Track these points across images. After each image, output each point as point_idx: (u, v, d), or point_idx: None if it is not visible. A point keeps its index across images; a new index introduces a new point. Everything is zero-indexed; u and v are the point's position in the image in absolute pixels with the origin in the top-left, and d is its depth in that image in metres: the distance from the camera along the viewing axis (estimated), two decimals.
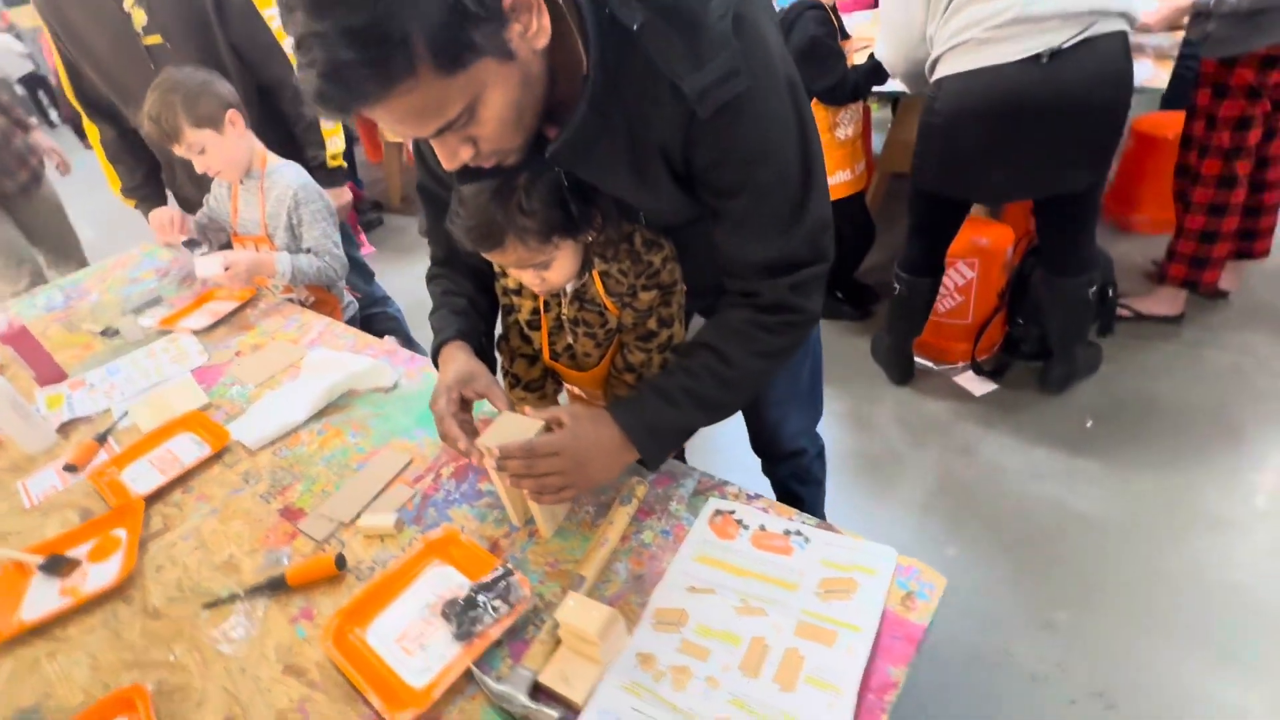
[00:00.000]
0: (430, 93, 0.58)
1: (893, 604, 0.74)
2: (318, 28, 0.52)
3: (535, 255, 0.83)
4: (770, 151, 0.73)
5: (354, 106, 0.57)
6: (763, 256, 0.80)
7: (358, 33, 0.52)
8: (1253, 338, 2.17)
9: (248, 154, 1.62)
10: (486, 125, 0.64)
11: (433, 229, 1.03)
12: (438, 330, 1.00)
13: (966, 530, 1.78)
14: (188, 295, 1.83)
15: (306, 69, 0.54)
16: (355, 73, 0.54)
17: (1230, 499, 1.71)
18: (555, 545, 0.90)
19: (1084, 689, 1.40)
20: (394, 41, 0.53)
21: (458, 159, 0.67)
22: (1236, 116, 1.93)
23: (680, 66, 0.66)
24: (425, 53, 0.55)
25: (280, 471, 1.14)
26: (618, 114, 0.71)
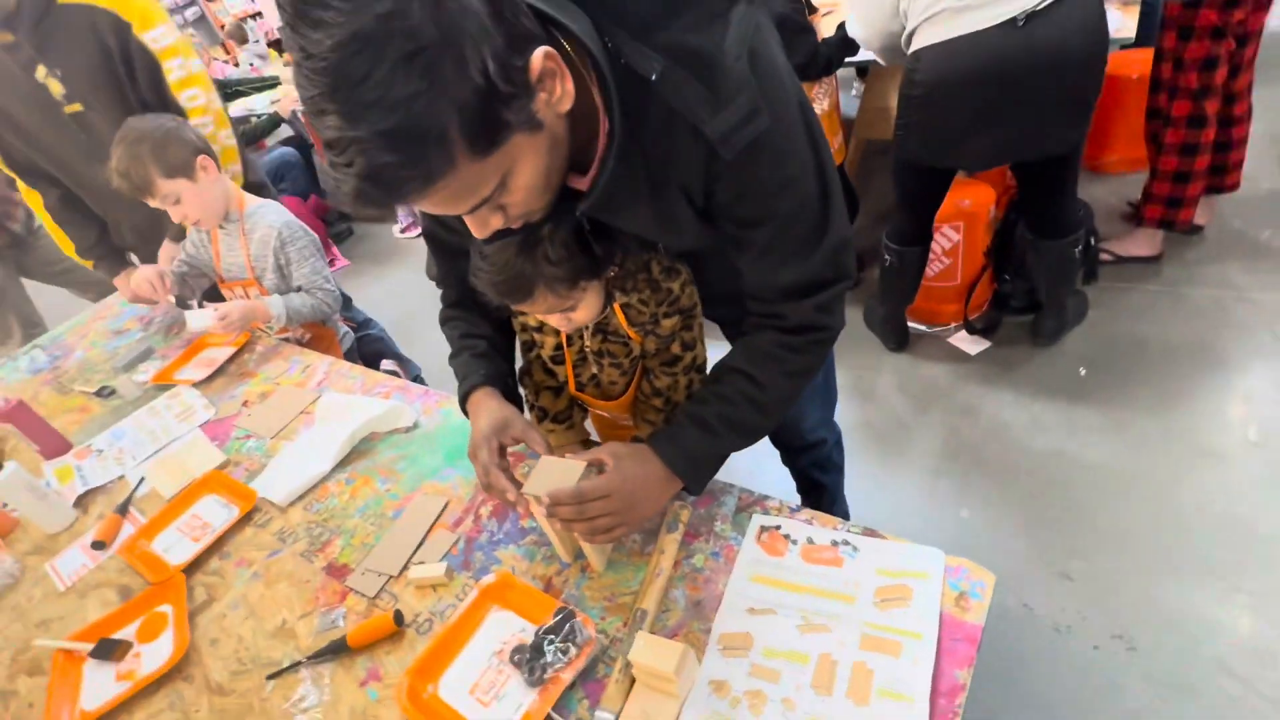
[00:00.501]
0: (468, 177, 0.57)
1: (947, 606, 0.77)
2: (353, 133, 0.51)
3: (564, 301, 0.83)
4: (791, 181, 0.74)
5: (395, 204, 0.56)
6: (787, 280, 0.81)
7: (395, 135, 0.51)
8: (1230, 270, 2.24)
9: (224, 198, 1.58)
10: (517, 193, 0.64)
11: (444, 273, 1.02)
12: (462, 377, 1.00)
13: (977, 491, 1.83)
14: (178, 345, 1.80)
15: (344, 170, 0.53)
16: (395, 175, 0.53)
17: (1225, 433, 1.79)
18: (609, 579, 0.92)
19: (1105, 634, 1.47)
20: (431, 138, 0.52)
21: (489, 228, 0.67)
22: (1203, 57, 1.96)
23: (702, 111, 0.66)
24: (461, 142, 0.54)
25: (316, 527, 1.14)
26: (639, 159, 0.71)
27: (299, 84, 0.52)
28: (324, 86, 0.50)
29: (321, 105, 0.51)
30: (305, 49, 0.50)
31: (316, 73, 0.50)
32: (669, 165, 0.72)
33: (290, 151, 3.95)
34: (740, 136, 0.67)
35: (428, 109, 0.51)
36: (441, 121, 0.52)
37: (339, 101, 0.51)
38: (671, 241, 0.86)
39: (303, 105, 0.53)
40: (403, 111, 0.51)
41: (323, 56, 0.49)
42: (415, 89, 0.50)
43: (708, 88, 0.64)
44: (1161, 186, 2.19)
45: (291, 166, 3.90)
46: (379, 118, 0.51)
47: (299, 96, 0.54)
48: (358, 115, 0.51)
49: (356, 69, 0.49)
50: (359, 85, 0.50)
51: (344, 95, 0.50)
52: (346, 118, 0.51)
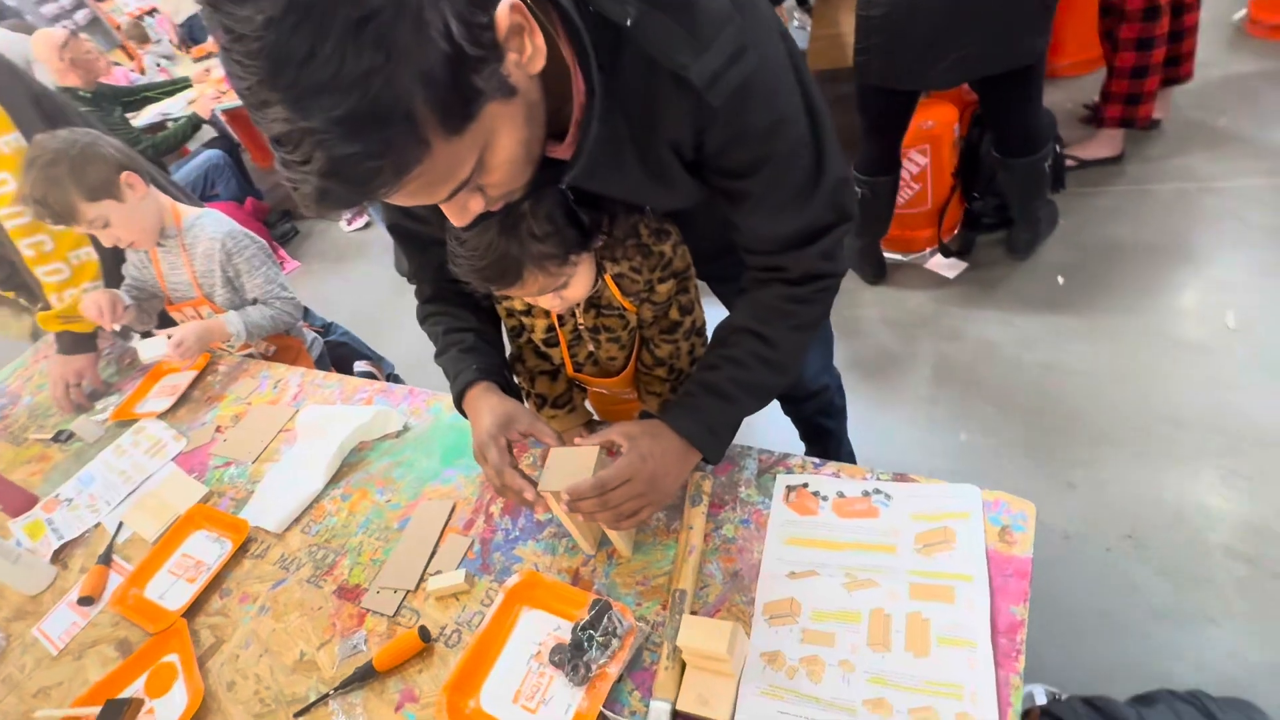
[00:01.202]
0: (443, 160, 0.50)
1: (991, 542, 0.75)
2: (305, 124, 0.44)
3: (555, 279, 0.77)
4: (783, 122, 0.68)
5: (364, 200, 0.49)
6: (788, 230, 0.76)
7: (355, 120, 0.44)
8: (1191, 161, 2.25)
9: (157, 214, 1.46)
10: (497, 171, 0.57)
11: (416, 267, 0.95)
12: (453, 375, 0.94)
13: (973, 413, 1.84)
14: (135, 375, 1.69)
15: (300, 169, 0.46)
16: (362, 167, 0.46)
17: (1204, 323, 1.81)
18: (639, 562, 0.88)
19: (1115, 535, 1.50)
20: (397, 119, 0.45)
21: (469, 213, 0.60)
22: None
23: (683, 55, 0.59)
24: (432, 119, 0.47)
25: (318, 550, 1.08)
26: (620, 117, 0.64)
27: (231, 73, 0.45)
28: (262, 72, 0.43)
29: (262, 95, 0.44)
30: (233, 29, 0.42)
31: (250, 56, 0.42)
32: (654, 120, 0.65)
33: (216, 154, 3.70)
34: (728, 80, 0.61)
35: (388, 85, 0.44)
36: (406, 98, 0.45)
37: (282, 88, 0.43)
38: (664, 203, 0.80)
39: (240, 98, 0.46)
40: (359, 92, 0.43)
41: (255, 36, 0.42)
42: (370, 63, 0.43)
43: (687, 29, 0.58)
44: (1120, 84, 2.17)
45: (220, 170, 3.67)
46: (333, 102, 0.43)
47: (234, 88, 0.46)
48: (307, 102, 0.43)
49: (297, 46, 0.42)
50: (304, 65, 0.42)
51: (287, 80, 0.43)
52: (294, 107, 0.43)
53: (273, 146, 0.47)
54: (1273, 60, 2.48)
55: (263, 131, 0.46)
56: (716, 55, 0.60)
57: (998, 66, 1.68)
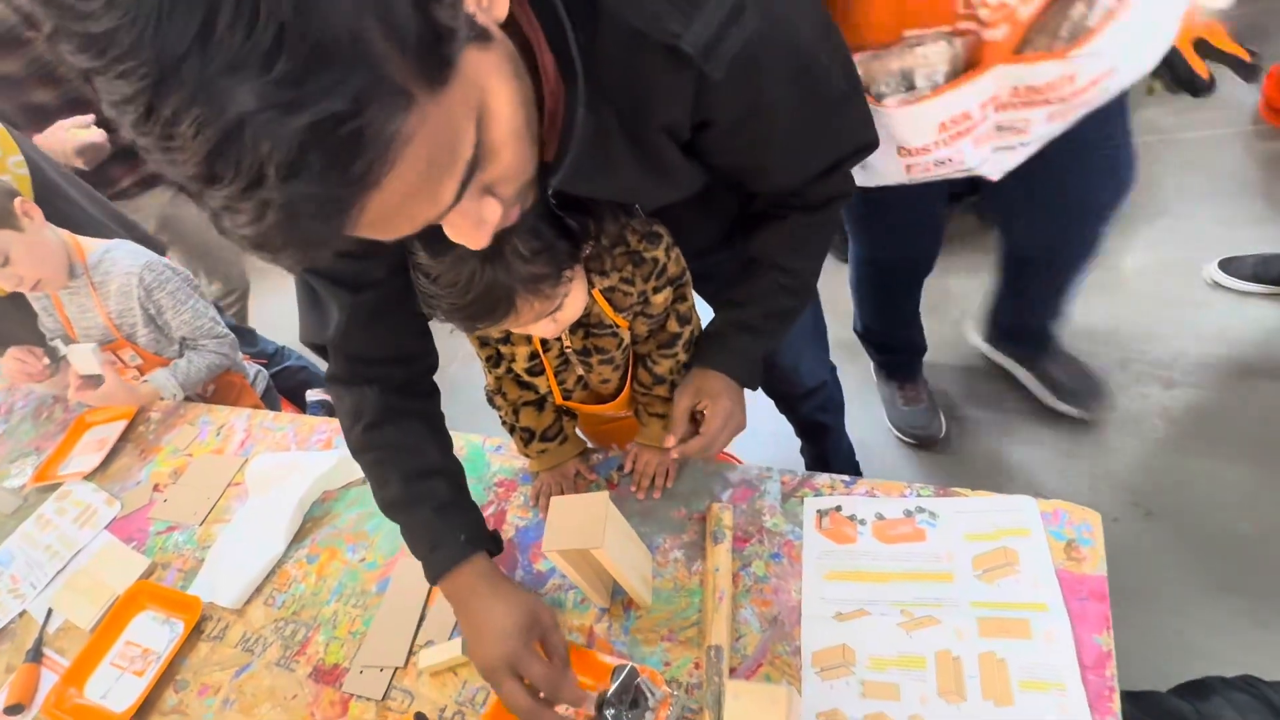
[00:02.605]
0: (436, 124, 0.36)
1: (1058, 559, 0.68)
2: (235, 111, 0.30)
3: (551, 302, 0.66)
4: (801, 73, 0.57)
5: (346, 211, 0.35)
6: (814, 170, 0.69)
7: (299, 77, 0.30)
8: (1150, 114, 2.23)
9: (61, 248, 1.27)
10: (504, 150, 0.43)
11: (340, 333, 0.73)
12: (429, 545, 0.75)
13: (966, 387, 1.80)
14: (54, 430, 1.49)
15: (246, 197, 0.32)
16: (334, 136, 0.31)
17: (1185, 281, 1.79)
18: (661, 612, 0.78)
19: (1122, 504, 1.47)
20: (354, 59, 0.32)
21: (486, 225, 0.46)
22: None
23: (672, 23, 0.48)
24: (401, 62, 0.33)
25: (286, 625, 0.95)
26: (605, 105, 0.53)
27: (121, 111, 0.31)
28: (149, 71, 0.29)
29: (164, 108, 0.30)
30: (93, 31, 0.29)
31: (127, 58, 0.29)
32: (644, 103, 0.54)
33: None
34: (727, 45, 0.50)
35: (329, 17, 0.30)
36: (359, 33, 0.31)
37: (183, 80, 0.29)
38: (660, 198, 0.69)
39: (143, 142, 0.32)
40: (292, 41, 0.30)
41: (125, 26, 0.29)
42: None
43: None
44: None
45: None
46: (258, 66, 0.29)
47: (133, 135, 0.32)
48: (226, 86, 0.29)
49: (184, 19, 0.29)
50: (202, 36, 0.29)
51: (188, 66, 0.29)
52: (206, 101, 0.30)
53: (207, 190, 0.32)
54: None
55: (182, 178, 0.32)
56: (711, 16, 0.49)
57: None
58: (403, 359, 0.78)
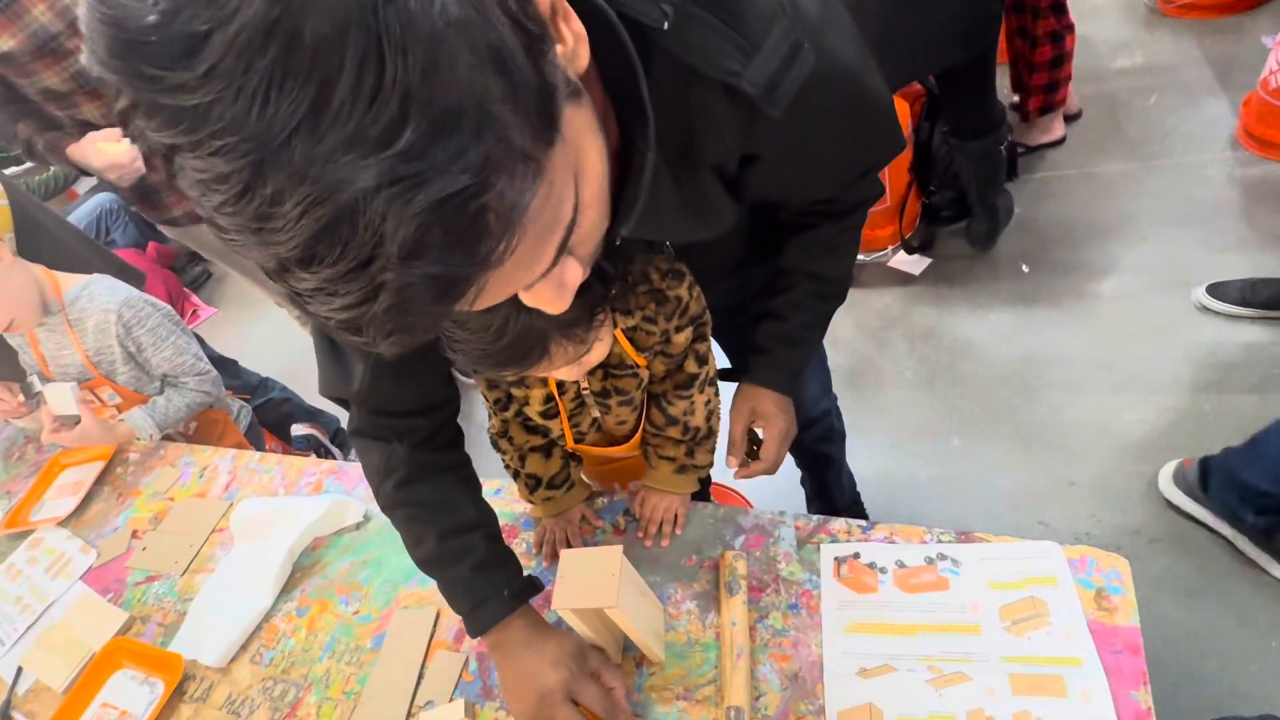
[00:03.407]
0: (551, 187, 0.34)
1: (1088, 610, 0.65)
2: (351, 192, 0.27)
3: (582, 347, 0.63)
4: (848, 100, 0.57)
5: (462, 294, 0.32)
6: (849, 178, 0.71)
7: (422, 145, 0.27)
8: (1129, 141, 2.27)
9: (34, 286, 1.22)
10: (589, 210, 0.40)
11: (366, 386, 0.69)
12: (472, 602, 0.76)
13: (961, 415, 1.79)
14: (26, 471, 1.43)
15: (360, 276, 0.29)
16: (457, 223, 0.29)
17: (1171, 303, 1.81)
18: (675, 668, 0.74)
19: (1124, 533, 1.46)
20: (481, 125, 0.29)
21: (567, 288, 0.43)
22: None
23: (730, 61, 0.46)
24: (522, 123, 0.31)
25: (275, 684, 0.90)
26: (656, 147, 0.51)
27: (211, 191, 0.27)
28: (252, 149, 0.26)
29: (264, 188, 0.26)
30: (187, 104, 0.26)
31: (228, 133, 0.26)
32: (695, 142, 0.53)
33: (109, 198, 3.33)
34: (786, 85, 0.48)
35: (454, 80, 0.28)
36: (482, 94, 0.29)
37: (292, 159, 0.26)
38: (695, 236, 0.67)
39: (232, 236, 0.29)
40: (418, 109, 0.27)
41: (229, 94, 0.25)
42: (424, 58, 0.27)
43: (733, 28, 0.45)
44: (1040, 77, 2.22)
45: (115, 215, 3.29)
46: (380, 140, 0.26)
47: (224, 218, 0.28)
48: (336, 162, 0.26)
49: (301, 82, 0.25)
50: (316, 113, 0.26)
51: (297, 144, 0.26)
52: (317, 181, 0.27)
53: (300, 273, 0.29)
54: (1188, 38, 2.56)
55: (277, 257, 0.29)
56: (771, 55, 0.47)
57: (940, 68, 1.70)
58: (428, 409, 0.75)
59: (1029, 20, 2.13)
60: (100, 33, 0.26)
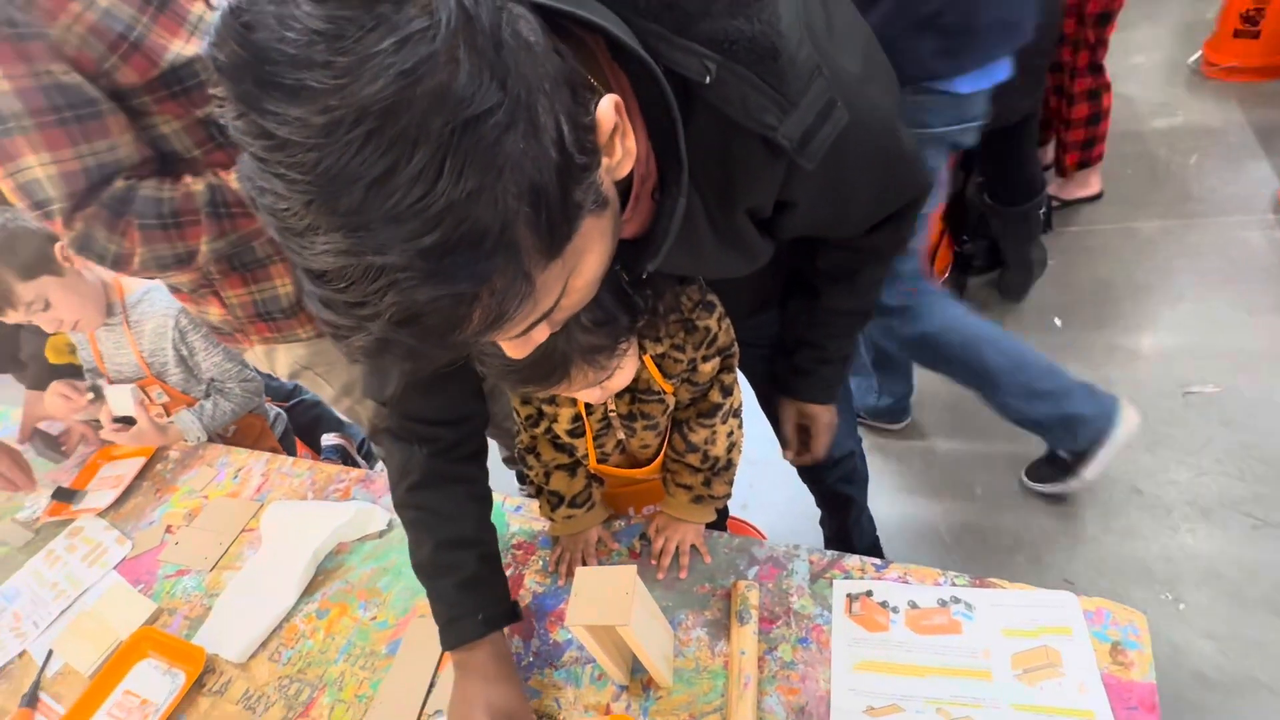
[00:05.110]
0: (536, 293, 0.39)
1: (1103, 663, 0.65)
2: (376, 259, 0.31)
3: (604, 372, 0.66)
4: (879, 151, 0.60)
5: (432, 360, 0.38)
6: (875, 219, 0.72)
7: (444, 252, 0.32)
8: (1168, 200, 2.26)
9: (100, 289, 1.30)
10: (574, 294, 0.45)
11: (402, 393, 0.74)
12: (447, 616, 0.78)
13: (985, 463, 1.77)
14: (73, 463, 1.49)
15: (353, 313, 0.34)
16: (449, 313, 0.34)
17: (1210, 364, 1.78)
18: (682, 695, 0.75)
19: (1151, 594, 1.42)
20: (499, 247, 0.34)
21: (530, 344, 0.48)
22: (1099, 11, 1.99)
23: (769, 116, 0.50)
24: (534, 246, 0.36)
25: (290, 683, 0.92)
26: (694, 189, 0.55)
27: (261, 193, 0.32)
28: (313, 192, 0.31)
29: (309, 220, 0.31)
30: (274, 134, 0.30)
31: (299, 170, 0.30)
32: (732, 187, 0.56)
33: None
34: (821, 139, 0.51)
35: (492, 206, 0.32)
36: (510, 221, 0.34)
37: (343, 213, 0.31)
38: (729, 271, 0.70)
39: (268, 218, 0.33)
40: (455, 217, 0.32)
41: (309, 144, 0.30)
42: (476, 182, 0.32)
43: (772, 85, 0.48)
44: (1076, 133, 2.22)
45: None
46: (416, 230, 0.31)
47: (262, 206, 0.33)
48: (380, 231, 0.31)
49: (369, 161, 0.30)
50: (377, 186, 0.30)
51: (351, 204, 0.31)
52: (360, 236, 0.31)
53: (309, 280, 0.34)
54: (1230, 101, 2.55)
55: (295, 260, 0.34)
56: (806, 112, 0.50)
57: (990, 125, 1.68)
58: (454, 421, 0.79)
59: (1066, 79, 2.15)
60: (231, 32, 0.30)
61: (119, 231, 0.94)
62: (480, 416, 0.82)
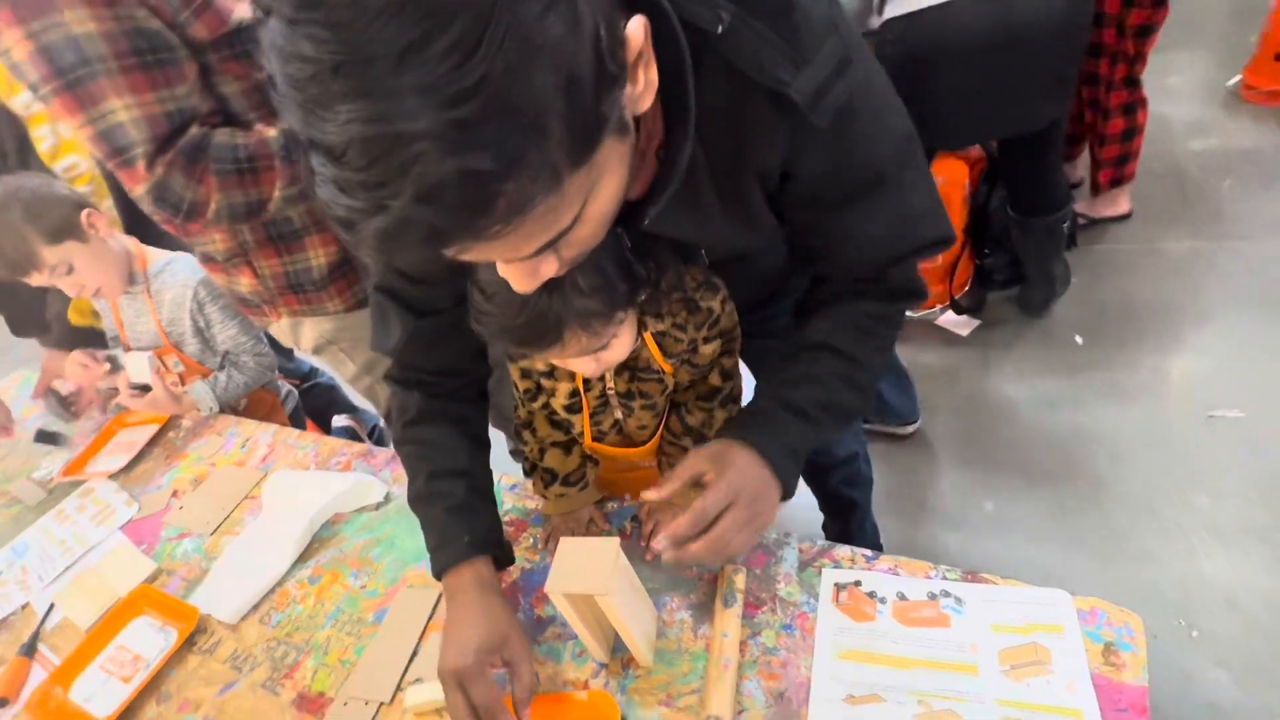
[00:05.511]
0: (559, 199, 0.39)
1: (1094, 663, 0.63)
2: (405, 126, 0.31)
3: (598, 340, 0.65)
4: (890, 142, 0.59)
5: (448, 246, 0.37)
6: (898, 250, 0.67)
7: (480, 125, 0.31)
8: (1199, 221, 2.21)
9: (124, 257, 1.34)
10: (588, 225, 0.45)
11: (402, 344, 0.75)
12: (436, 541, 0.77)
13: (998, 480, 1.73)
14: (90, 428, 1.53)
15: (369, 193, 0.33)
16: (478, 191, 0.33)
17: (1234, 388, 1.73)
18: (662, 674, 0.74)
19: (1164, 619, 1.37)
20: (532, 131, 0.33)
21: (538, 277, 0.48)
22: (1141, 24, 1.95)
23: (782, 70, 0.49)
24: (564, 142, 0.36)
25: (278, 646, 0.92)
26: (699, 145, 0.54)
27: (286, 59, 0.31)
28: (340, 53, 0.30)
29: (332, 87, 0.31)
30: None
31: (330, 29, 0.30)
32: (741, 146, 0.55)
33: None
34: (834, 96, 0.51)
35: (529, 87, 0.32)
36: (545, 106, 0.33)
37: (368, 76, 0.30)
38: (735, 244, 0.69)
39: (285, 89, 0.32)
40: (490, 91, 0.31)
41: (343, 4, 0.30)
42: (513, 58, 0.31)
43: (786, 39, 0.48)
44: (1110, 149, 2.18)
45: None
46: (449, 100, 0.31)
47: (280, 74, 0.32)
48: (405, 97, 0.30)
49: (402, 30, 0.30)
50: (407, 56, 0.30)
51: (379, 67, 0.30)
52: (381, 100, 0.30)
53: (324, 161, 0.33)
54: (1269, 124, 2.50)
55: (314, 137, 0.33)
56: (820, 69, 0.50)
57: (1007, 131, 1.67)
58: (454, 373, 0.80)
59: (1101, 92, 2.12)
60: None
61: (195, 178, 0.94)
62: (480, 373, 0.83)
